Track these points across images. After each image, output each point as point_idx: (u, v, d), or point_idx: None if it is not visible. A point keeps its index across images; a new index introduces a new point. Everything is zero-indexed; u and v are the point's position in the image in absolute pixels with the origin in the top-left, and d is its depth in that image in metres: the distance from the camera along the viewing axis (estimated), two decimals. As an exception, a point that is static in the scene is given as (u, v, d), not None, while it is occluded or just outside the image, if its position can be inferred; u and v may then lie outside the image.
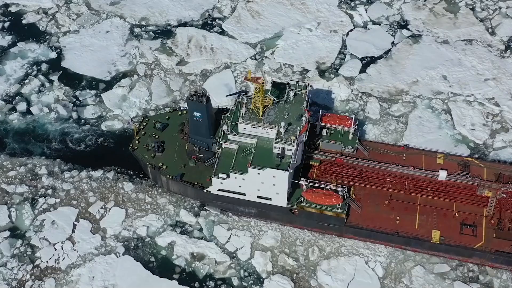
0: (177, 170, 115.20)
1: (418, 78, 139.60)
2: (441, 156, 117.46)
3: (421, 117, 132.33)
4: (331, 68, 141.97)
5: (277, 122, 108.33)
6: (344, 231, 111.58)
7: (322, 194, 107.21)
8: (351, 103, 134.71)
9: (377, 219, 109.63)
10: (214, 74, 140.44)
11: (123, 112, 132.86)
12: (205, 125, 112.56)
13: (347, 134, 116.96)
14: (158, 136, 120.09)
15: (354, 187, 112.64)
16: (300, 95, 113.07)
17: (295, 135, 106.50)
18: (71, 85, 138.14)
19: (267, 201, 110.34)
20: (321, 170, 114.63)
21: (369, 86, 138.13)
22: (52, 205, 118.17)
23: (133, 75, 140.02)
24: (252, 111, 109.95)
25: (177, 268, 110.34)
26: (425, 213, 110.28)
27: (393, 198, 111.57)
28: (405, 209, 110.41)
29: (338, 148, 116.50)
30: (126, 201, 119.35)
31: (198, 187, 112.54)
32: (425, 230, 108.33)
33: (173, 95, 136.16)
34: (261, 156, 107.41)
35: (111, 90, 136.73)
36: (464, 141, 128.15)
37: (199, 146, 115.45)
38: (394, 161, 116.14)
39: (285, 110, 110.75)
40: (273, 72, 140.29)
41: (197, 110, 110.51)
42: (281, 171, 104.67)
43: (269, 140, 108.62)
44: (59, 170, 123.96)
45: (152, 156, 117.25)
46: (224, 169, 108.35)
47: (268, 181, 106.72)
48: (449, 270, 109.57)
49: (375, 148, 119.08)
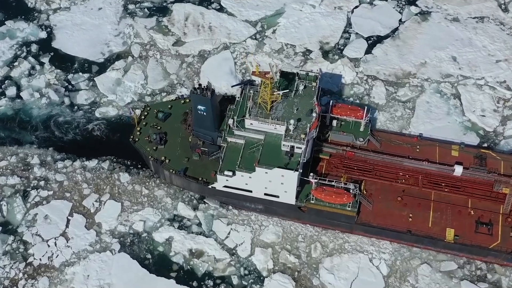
0: (180, 164, 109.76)
1: (427, 59, 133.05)
2: (456, 147, 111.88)
3: (429, 102, 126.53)
4: (335, 48, 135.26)
5: (286, 118, 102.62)
6: (354, 229, 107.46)
7: (333, 192, 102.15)
8: (356, 87, 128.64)
9: (389, 216, 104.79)
10: (213, 55, 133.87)
11: (117, 97, 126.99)
12: (209, 118, 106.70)
13: (359, 125, 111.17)
14: (160, 126, 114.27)
15: (365, 182, 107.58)
16: (310, 88, 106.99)
17: (305, 133, 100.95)
18: (62, 68, 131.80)
19: (275, 198, 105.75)
20: (331, 164, 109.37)
21: (375, 68, 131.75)
22: (44, 198, 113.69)
23: (128, 57, 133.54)
24: (259, 106, 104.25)
25: (175, 266, 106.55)
26: (439, 210, 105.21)
27: (405, 194, 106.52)
28: (418, 205, 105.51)
29: (348, 140, 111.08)
30: (122, 193, 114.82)
31: (203, 183, 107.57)
32: (438, 228, 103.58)
33: (170, 79, 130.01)
34: (269, 154, 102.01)
35: (105, 74, 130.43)
36: (474, 128, 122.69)
37: (203, 139, 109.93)
38: (407, 153, 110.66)
39: (294, 104, 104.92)
40: (274, 53, 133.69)
41: (201, 103, 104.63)
42: (290, 171, 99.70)
43: (277, 136, 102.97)
44: (52, 160, 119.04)
45: (154, 149, 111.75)
46: (229, 165, 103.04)
47: (276, 180, 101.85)
48: (456, 268, 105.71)
49: (387, 139, 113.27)
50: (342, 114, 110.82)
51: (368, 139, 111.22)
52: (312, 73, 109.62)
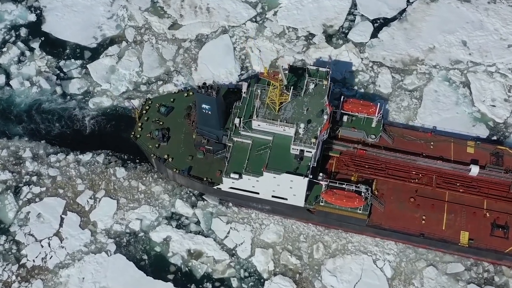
0: (184, 163, 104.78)
1: (435, 44, 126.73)
2: (472, 144, 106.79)
3: (437, 91, 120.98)
4: (339, 32, 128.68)
5: (295, 120, 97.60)
6: (365, 230, 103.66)
7: (343, 196, 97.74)
8: (361, 74, 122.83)
9: (401, 218, 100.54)
10: (211, 40, 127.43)
11: (111, 86, 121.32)
12: (214, 117, 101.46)
13: (370, 121, 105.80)
14: (163, 122, 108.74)
15: (377, 181, 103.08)
16: (321, 86, 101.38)
17: (315, 136, 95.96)
18: (54, 54, 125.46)
19: (283, 200, 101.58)
20: (341, 161, 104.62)
21: (381, 54, 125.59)
22: (37, 195, 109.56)
23: (121, 42, 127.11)
24: (267, 105, 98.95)
25: (172, 267, 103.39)
26: (453, 211, 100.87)
27: (418, 194, 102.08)
28: (431, 206, 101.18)
29: (359, 136, 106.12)
30: (117, 189, 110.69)
31: (208, 183, 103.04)
32: (452, 231, 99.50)
33: (166, 66, 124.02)
34: (277, 157, 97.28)
35: (98, 60, 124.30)
36: (483, 119, 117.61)
37: (208, 137, 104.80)
38: (421, 150, 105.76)
39: (304, 104, 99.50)
40: (275, 38, 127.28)
41: (206, 102, 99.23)
42: (300, 177, 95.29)
43: (286, 138, 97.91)
44: (44, 153, 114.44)
45: (157, 146, 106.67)
46: (236, 167, 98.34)
47: (284, 184, 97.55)
48: (463, 271, 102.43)
49: (400, 134, 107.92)
50: (353, 110, 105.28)
51: (380, 135, 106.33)
52: (322, 69, 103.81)
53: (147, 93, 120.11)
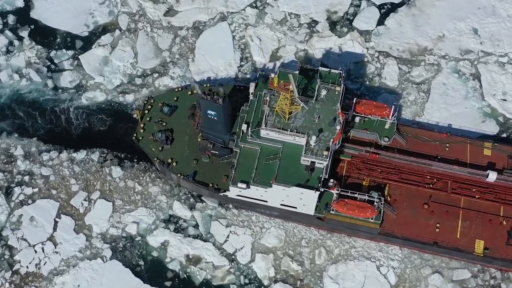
0: (188, 167, 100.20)
1: (445, 32, 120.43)
2: (489, 145, 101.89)
3: (445, 84, 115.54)
4: (344, 19, 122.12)
5: (306, 129, 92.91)
6: (377, 238, 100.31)
7: (355, 206, 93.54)
8: (367, 65, 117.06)
9: (414, 225, 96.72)
10: (208, 27, 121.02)
11: (105, 79, 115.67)
12: (221, 123, 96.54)
13: (384, 122, 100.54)
14: (166, 122, 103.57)
15: (389, 186, 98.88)
16: (333, 91, 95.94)
17: (327, 147, 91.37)
18: (44, 44, 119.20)
19: (292, 208, 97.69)
20: (353, 165, 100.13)
21: (387, 43, 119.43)
22: (29, 197, 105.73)
23: (115, 30, 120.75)
24: (276, 113, 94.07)
25: (170, 273, 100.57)
26: (468, 218, 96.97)
27: (432, 200, 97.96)
28: (446, 213, 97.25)
29: (372, 137, 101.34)
30: (113, 190, 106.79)
31: (214, 189, 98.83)
32: (467, 239, 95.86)
33: (162, 56, 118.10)
34: (287, 168, 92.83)
35: (90, 51, 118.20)
36: (493, 114, 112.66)
37: (214, 141, 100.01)
38: (435, 152, 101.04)
39: (316, 112, 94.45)
40: (277, 25, 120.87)
41: (211, 109, 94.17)
42: (311, 190, 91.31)
43: (296, 146, 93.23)
44: (37, 151, 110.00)
45: (160, 149, 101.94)
46: (243, 175, 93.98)
47: (294, 195, 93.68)
48: (469, 277, 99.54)
49: (414, 134, 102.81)
50: (366, 112, 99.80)
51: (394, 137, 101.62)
52: (335, 71, 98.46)
53: (142, 86, 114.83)
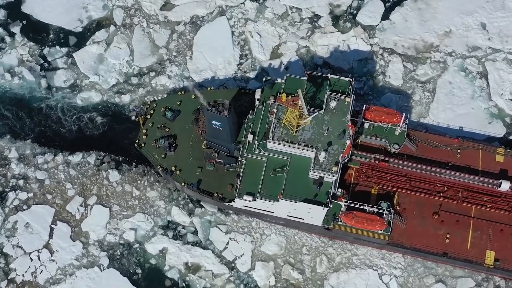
0: (192, 175, 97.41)
1: (452, 27, 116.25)
2: (501, 151, 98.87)
3: (451, 83, 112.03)
4: (347, 13, 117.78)
5: (315, 142, 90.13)
6: (385, 248, 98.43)
7: (364, 219, 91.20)
8: (370, 63, 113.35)
9: (424, 235, 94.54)
10: (207, 23, 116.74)
11: (100, 79, 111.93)
12: (226, 133, 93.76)
13: (393, 128, 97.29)
14: (169, 128, 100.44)
15: (399, 194, 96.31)
16: (343, 101, 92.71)
17: (336, 162, 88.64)
18: (37, 40, 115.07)
19: (299, 219, 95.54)
20: (361, 172, 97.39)
21: (392, 39, 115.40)
22: (24, 202, 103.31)
23: (109, 25, 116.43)
24: (284, 125, 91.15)
25: (168, 282, 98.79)
26: (479, 228, 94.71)
27: (443, 209, 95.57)
28: (456, 223, 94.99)
29: (381, 143, 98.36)
30: (110, 195, 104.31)
31: (219, 199, 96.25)
32: (478, 250, 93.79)
33: (159, 54, 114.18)
34: (295, 182, 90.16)
35: (85, 48, 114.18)
36: (500, 115, 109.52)
37: (218, 150, 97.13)
38: (446, 158, 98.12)
39: (324, 123, 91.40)
40: (278, 20, 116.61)
41: (216, 120, 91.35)
42: (319, 207, 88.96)
43: (304, 159, 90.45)
44: (31, 154, 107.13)
45: (163, 156, 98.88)
46: (249, 187, 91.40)
47: (302, 209, 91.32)
48: (473, 286, 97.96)
49: (424, 139, 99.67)
50: (376, 119, 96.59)
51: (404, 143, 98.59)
52: (344, 79, 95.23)
53: (138, 86, 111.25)
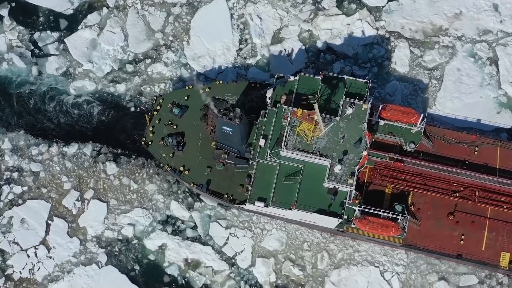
0: (201, 175, 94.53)
1: (462, 8, 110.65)
2: None
3: (460, 70, 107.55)
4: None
5: (330, 150, 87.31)
6: (398, 248, 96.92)
7: (379, 224, 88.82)
8: (376, 48, 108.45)
9: (438, 236, 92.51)
10: (204, 4, 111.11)
11: (94, 66, 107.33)
12: (237, 137, 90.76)
13: (410, 128, 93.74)
14: (177, 125, 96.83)
15: (413, 194, 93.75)
16: (359, 107, 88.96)
17: (352, 173, 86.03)
18: (26, 24, 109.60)
19: (311, 222, 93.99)
20: (375, 171, 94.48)
21: (399, 22, 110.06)
22: (19, 196, 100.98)
23: (102, 8, 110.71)
24: (297, 133, 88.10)
25: (168, 278, 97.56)
26: (495, 229, 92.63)
27: (458, 209, 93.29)
28: (471, 224, 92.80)
29: (396, 140, 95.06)
30: (107, 189, 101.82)
31: (229, 201, 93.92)
32: (492, 252, 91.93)
33: (155, 38, 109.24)
34: (308, 191, 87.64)
35: (77, 33, 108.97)
36: (509, 105, 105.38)
37: (229, 151, 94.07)
38: (464, 155, 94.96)
39: (340, 131, 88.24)
40: (279, 1, 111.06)
41: (227, 125, 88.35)
42: (334, 218, 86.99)
43: (318, 167, 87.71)
44: (25, 145, 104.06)
45: (171, 155, 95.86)
46: (261, 192, 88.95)
47: (315, 217, 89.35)
48: (476, 283, 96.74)
49: (441, 135, 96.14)
50: (392, 118, 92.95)
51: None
52: (361, 80, 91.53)
53: (134, 74, 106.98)
